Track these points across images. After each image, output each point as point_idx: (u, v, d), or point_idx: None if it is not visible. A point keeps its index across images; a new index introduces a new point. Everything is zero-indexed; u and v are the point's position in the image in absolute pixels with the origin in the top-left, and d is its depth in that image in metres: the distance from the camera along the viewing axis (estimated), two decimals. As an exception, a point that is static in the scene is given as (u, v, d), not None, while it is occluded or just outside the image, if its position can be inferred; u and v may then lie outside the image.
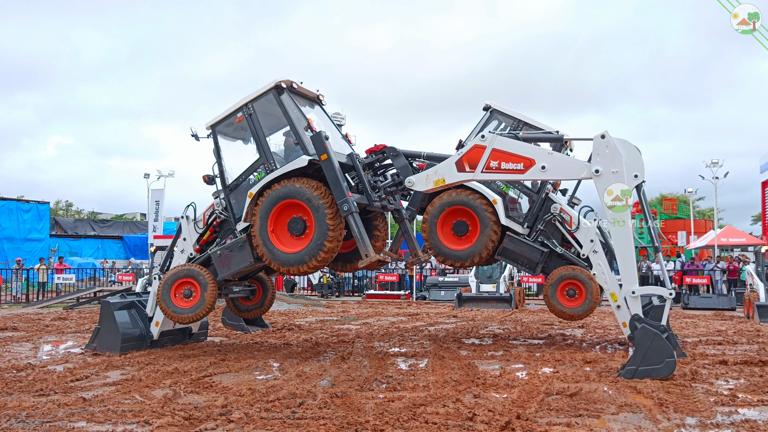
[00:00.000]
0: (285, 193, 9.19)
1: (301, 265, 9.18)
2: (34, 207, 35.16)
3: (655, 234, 8.54)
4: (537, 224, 11.50)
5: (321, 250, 9.02)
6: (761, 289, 16.78)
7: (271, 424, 5.88)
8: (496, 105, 12.02)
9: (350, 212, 8.81)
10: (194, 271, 9.87)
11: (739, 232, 32.90)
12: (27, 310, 19.82)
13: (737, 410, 6.31)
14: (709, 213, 53.75)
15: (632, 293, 8.18)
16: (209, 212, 10.39)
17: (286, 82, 9.57)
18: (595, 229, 11.16)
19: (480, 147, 8.77)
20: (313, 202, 9.01)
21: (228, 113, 9.94)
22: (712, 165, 34.47)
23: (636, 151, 8.39)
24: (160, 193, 36.98)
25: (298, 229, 9.26)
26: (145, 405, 6.62)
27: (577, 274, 10.90)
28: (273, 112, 9.67)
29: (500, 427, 5.67)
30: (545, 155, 8.60)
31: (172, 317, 9.93)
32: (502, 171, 8.68)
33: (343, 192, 8.84)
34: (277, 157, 9.71)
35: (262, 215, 9.33)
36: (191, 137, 10.08)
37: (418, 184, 9.28)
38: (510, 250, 11.37)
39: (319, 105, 10.57)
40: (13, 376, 8.37)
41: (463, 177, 8.97)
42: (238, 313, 11.63)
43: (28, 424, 5.90)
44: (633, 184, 8.34)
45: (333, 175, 8.93)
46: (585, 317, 11.06)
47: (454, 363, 9.26)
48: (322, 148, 9.02)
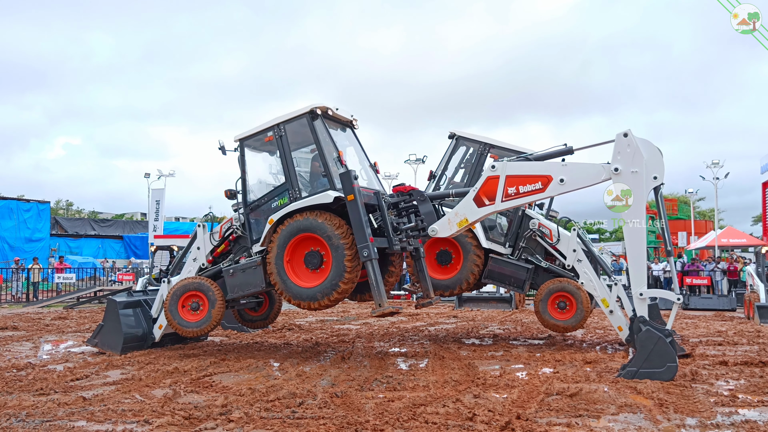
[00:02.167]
0: (306, 227, 9.03)
1: (312, 302, 9.05)
2: (34, 206, 35.13)
3: (668, 237, 8.45)
4: (519, 242, 11.58)
5: (335, 291, 8.89)
6: (761, 290, 16.76)
7: (271, 423, 5.88)
8: (461, 132, 12.20)
9: (369, 259, 8.62)
10: (204, 285, 9.82)
11: (740, 233, 32.87)
12: (27, 310, 19.83)
13: (737, 411, 6.31)
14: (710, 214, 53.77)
15: (640, 295, 8.08)
16: (227, 225, 10.29)
17: (321, 108, 9.39)
18: (575, 238, 11.23)
19: (493, 178, 8.72)
20: (333, 241, 8.84)
21: (259, 130, 9.83)
22: (712, 166, 34.48)
23: (658, 152, 8.25)
24: (160, 193, 37.00)
25: (315, 263, 9.10)
26: (145, 404, 6.62)
27: (565, 285, 10.94)
28: (304, 136, 9.55)
29: (500, 427, 5.66)
30: (560, 168, 8.51)
31: (177, 329, 9.91)
32: (522, 195, 8.60)
33: (365, 237, 8.62)
34: (302, 180, 9.55)
35: (280, 244, 9.19)
36: (218, 150, 9.92)
37: (441, 231, 9.15)
38: (495, 271, 11.42)
39: (351, 129, 10.38)
40: (13, 375, 8.38)
41: (485, 211, 8.85)
42: (242, 322, 11.56)
43: (28, 423, 5.90)
44: (652, 185, 8.21)
45: (357, 218, 8.69)
46: (579, 327, 11.07)
47: (454, 363, 9.26)
48: (350, 188, 8.78)
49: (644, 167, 8.10)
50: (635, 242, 8.24)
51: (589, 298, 10.93)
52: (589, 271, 10.96)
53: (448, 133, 12.25)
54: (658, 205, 8.43)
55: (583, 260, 11.05)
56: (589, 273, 10.93)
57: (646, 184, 8.15)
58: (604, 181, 8.32)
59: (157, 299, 10.71)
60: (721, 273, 23.68)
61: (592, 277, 10.90)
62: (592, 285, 10.83)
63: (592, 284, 10.83)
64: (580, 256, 11.09)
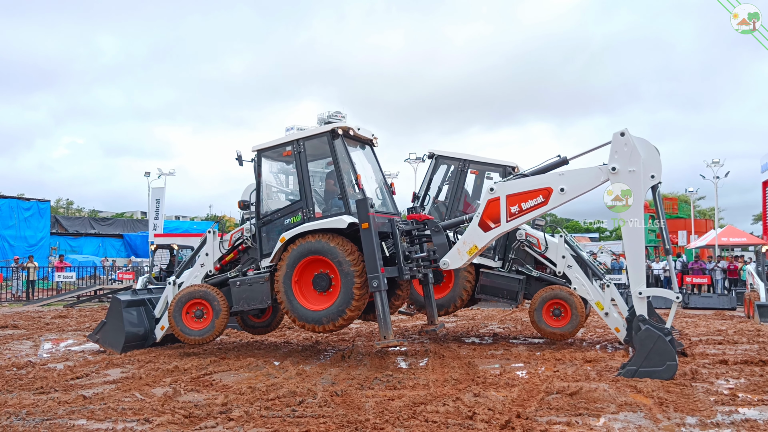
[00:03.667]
0: (318, 249, 8.93)
1: (317, 325, 8.97)
2: (34, 205, 35.11)
3: (667, 236, 8.44)
4: (508, 254, 11.57)
5: (341, 317, 8.82)
6: (761, 289, 16.76)
7: (271, 422, 5.88)
8: (439, 151, 12.28)
9: (378, 290, 8.51)
10: (211, 295, 9.79)
11: (740, 232, 32.86)
12: (27, 308, 19.83)
13: (737, 410, 6.30)
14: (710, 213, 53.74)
15: (639, 294, 8.08)
16: (237, 235, 10.25)
17: (343, 128, 9.35)
18: (563, 244, 11.25)
19: (494, 200, 8.73)
20: (343, 267, 8.74)
21: (278, 143, 9.80)
22: (713, 165, 34.46)
23: (655, 151, 8.23)
24: (160, 192, 37.03)
25: (323, 286, 9.04)
26: (146, 403, 6.62)
27: (557, 292, 10.94)
28: (323, 154, 9.53)
29: (500, 425, 5.66)
30: (558, 178, 8.51)
31: (179, 335, 9.89)
32: (526, 211, 8.59)
33: (377, 267, 8.49)
34: (316, 197, 9.50)
35: (290, 263, 9.11)
36: (235, 160, 9.85)
37: (453, 263, 9.08)
38: (488, 285, 11.40)
39: (370, 147, 10.30)
40: (13, 373, 8.38)
41: (492, 234, 8.82)
42: (244, 328, 11.52)
43: (29, 422, 5.90)
44: (649, 184, 8.18)
45: (370, 247, 8.55)
46: (576, 333, 11.06)
47: (454, 362, 9.26)
48: (365, 217, 8.63)
49: (642, 166, 8.09)
50: (634, 241, 8.24)
51: (584, 302, 10.95)
52: (580, 276, 11.01)
53: (427, 153, 12.37)
54: (656, 204, 8.42)
55: (574, 266, 11.10)
56: (580, 278, 10.99)
57: (644, 183, 8.14)
58: (604, 183, 8.32)
59: (162, 300, 10.71)
60: (722, 272, 23.69)
61: (584, 281, 10.95)
62: (584, 289, 10.86)
63: (584, 288, 10.86)
64: (570, 262, 11.13)
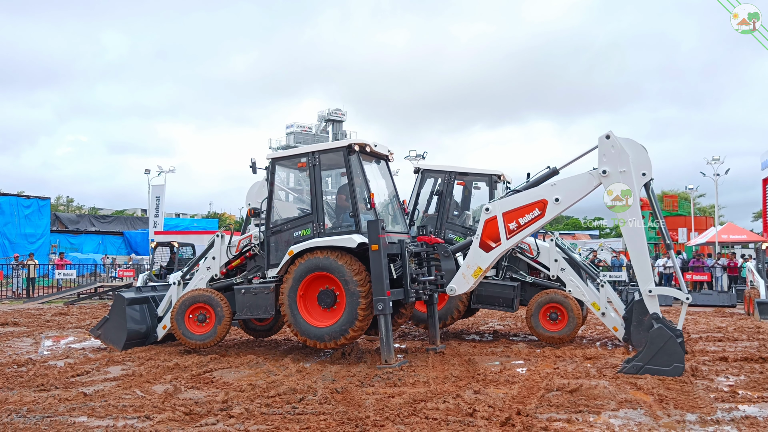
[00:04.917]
0: (325, 266, 8.88)
1: (318, 341, 8.92)
2: (34, 203, 35.08)
3: (665, 231, 8.44)
4: (501, 262, 11.49)
5: (343, 336, 8.77)
6: (761, 286, 16.77)
7: (271, 419, 5.89)
8: (425, 165, 12.53)
9: (383, 313, 8.47)
10: (214, 300, 9.75)
11: (740, 229, 32.84)
12: (28, 306, 19.85)
13: (737, 407, 6.31)
14: (710, 210, 53.75)
15: (649, 292, 8.06)
16: (245, 241, 10.21)
17: (360, 144, 9.32)
18: (554, 248, 11.23)
19: (491, 220, 8.75)
20: (350, 286, 8.70)
21: (293, 153, 9.82)
22: (713, 162, 34.43)
23: (642, 149, 8.31)
24: (160, 189, 37.00)
25: (328, 302, 8.99)
26: (146, 400, 6.63)
27: (553, 296, 10.91)
28: (338, 167, 9.52)
29: (500, 422, 5.67)
30: (551, 189, 8.55)
31: (181, 339, 9.86)
32: (525, 226, 8.61)
33: (383, 289, 8.43)
34: (327, 209, 9.48)
35: (296, 277, 9.05)
36: (249, 168, 9.81)
37: (459, 288, 9.08)
38: (484, 295, 11.37)
39: (385, 162, 10.26)
40: (14, 371, 8.39)
41: (494, 254, 8.83)
42: (246, 331, 11.48)
43: (29, 419, 5.91)
44: (642, 182, 8.25)
45: (378, 269, 8.49)
46: (574, 335, 11.05)
47: (454, 359, 9.27)
48: (375, 239, 8.56)
49: (631, 165, 8.17)
50: (636, 240, 8.25)
51: (579, 304, 10.95)
52: (574, 279, 11.02)
53: (414, 168, 12.49)
54: (651, 201, 8.45)
55: (567, 268, 11.10)
56: (574, 280, 11.00)
57: (636, 181, 8.21)
58: (597, 187, 8.38)
59: (165, 299, 10.71)
60: (722, 269, 23.70)
61: (579, 283, 10.96)
62: (579, 291, 10.87)
63: (579, 290, 10.87)
64: (563, 265, 11.13)
